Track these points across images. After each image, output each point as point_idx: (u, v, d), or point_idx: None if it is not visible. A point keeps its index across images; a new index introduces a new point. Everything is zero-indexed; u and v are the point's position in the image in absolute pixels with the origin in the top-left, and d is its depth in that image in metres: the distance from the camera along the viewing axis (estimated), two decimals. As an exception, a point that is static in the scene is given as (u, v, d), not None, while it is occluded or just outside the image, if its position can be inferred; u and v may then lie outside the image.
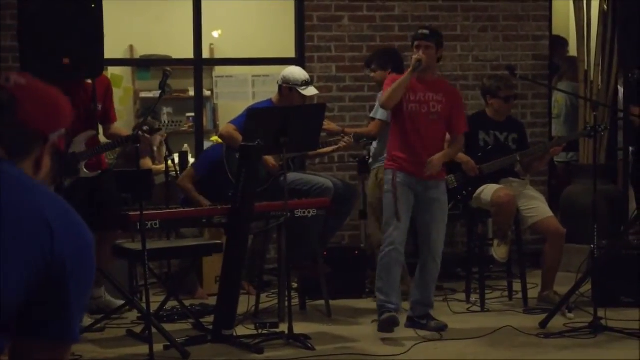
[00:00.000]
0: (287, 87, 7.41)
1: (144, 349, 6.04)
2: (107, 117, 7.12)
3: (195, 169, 7.99)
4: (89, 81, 6.87)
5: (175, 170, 8.06)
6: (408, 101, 6.61)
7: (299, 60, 8.90)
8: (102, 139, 7.26)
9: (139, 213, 6.09)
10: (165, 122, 10.82)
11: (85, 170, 6.87)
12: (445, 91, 6.74)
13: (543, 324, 6.73)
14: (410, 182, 6.62)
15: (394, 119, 6.76)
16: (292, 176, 7.19)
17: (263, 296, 7.50)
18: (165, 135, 8.37)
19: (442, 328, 6.68)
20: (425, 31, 6.74)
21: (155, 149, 9.03)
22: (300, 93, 7.39)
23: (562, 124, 9.94)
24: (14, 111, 2.12)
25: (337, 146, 7.74)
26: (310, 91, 7.48)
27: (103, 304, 7.18)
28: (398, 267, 6.66)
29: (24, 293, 2.02)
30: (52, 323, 2.07)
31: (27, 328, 2.06)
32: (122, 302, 6.98)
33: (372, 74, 7.94)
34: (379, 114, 7.63)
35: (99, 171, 6.98)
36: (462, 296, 7.72)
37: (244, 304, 6.94)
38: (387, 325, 6.53)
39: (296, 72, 7.56)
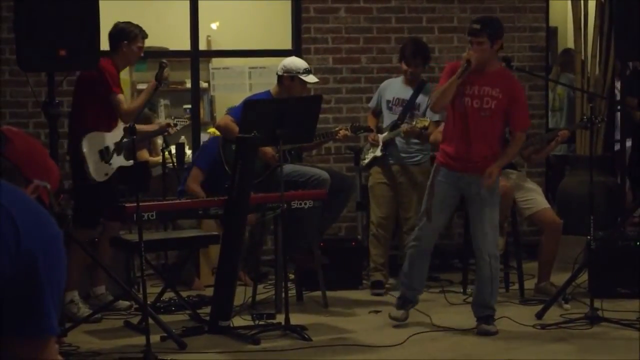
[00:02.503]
0: (289, 77, 7.37)
1: (140, 340, 6.04)
2: None
3: (199, 168, 7.93)
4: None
5: (172, 162, 8.06)
6: (462, 94, 6.33)
7: (295, 51, 8.89)
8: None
9: (135, 204, 6.09)
10: (163, 113, 10.81)
11: (124, 159, 6.94)
12: (503, 86, 6.35)
13: (539, 315, 6.75)
14: (453, 179, 6.43)
15: (450, 109, 6.49)
16: (288, 168, 7.20)
17: (260, 287, 7.51)
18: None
19: (484, 333, 6.44)
20: (477, 25, 6.32)
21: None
22: (302, 80, 7.36)
23: (564, 117, 9.94)
24: (3, 146, 2.17)
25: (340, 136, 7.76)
26: (312, 78, 7.46)
27: (104, 301, 7.17)
28: (421, 262, 6.62)
29: None
30: (29, 320, 2.05)
31: (4, 326, 2.03)
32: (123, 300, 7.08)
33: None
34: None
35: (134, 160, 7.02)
36: (459, 287, 7.73)
37: (241, 295, 6.93)
38: (399, 305, 6.72)
39: (297, 60, 7.57)
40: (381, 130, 7.90)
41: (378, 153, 7.84)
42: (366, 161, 7.98)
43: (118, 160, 6.95)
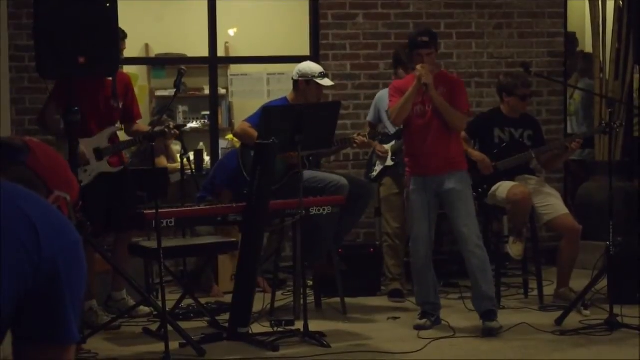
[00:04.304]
0: (304, 81, 7.38)
1: (159, 346, 6.05)
2: (129, 114, 7.15)
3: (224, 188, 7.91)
4: (110, 78, 6.92)
5: (191, 169, 8.08)
6: (413, 104, 6.63)
7: (313, 58, 8.89)
8: (123, 136, 7.28)
9: (154, 211, 6.10)
10: (181, 119, 10.86)
11: (108, 165, 6.90)
12: (444, 82, 6.71)
13: (559, 321, 6.73)
14: (425, 184, 6.64)
15: (404, 125, 6.80)
16: (307, 174, 7.19)
17: (278, 294, 7.51)
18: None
19: (488, 330, 6.55)
20: (426, 38, 6.63)
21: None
22: (317, 84, 7.35)
23: (579, 122, 9.91)
24: (25, 156, 2.19)
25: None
26: (327, 82, 7.46)
27: (125, 306, 7.19)
28: (424, 273, 6.74)
29: (14, 303, 1.99)
30: (49, 327, 2.05)
31: (25, 334, 2.04)
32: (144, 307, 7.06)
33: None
34: None
35: (122, 167, 7.00)
36: (478, 293, 7.71)
37: (260, 301, 6.95)
38: (420, 316, 6.81)
39: (312, 65, 7.58)
40: (384, 141, 7.87)
41: (389, 163, 7.83)
42: (375, 173, 7.94)
43: (98, 167, 6.86)
